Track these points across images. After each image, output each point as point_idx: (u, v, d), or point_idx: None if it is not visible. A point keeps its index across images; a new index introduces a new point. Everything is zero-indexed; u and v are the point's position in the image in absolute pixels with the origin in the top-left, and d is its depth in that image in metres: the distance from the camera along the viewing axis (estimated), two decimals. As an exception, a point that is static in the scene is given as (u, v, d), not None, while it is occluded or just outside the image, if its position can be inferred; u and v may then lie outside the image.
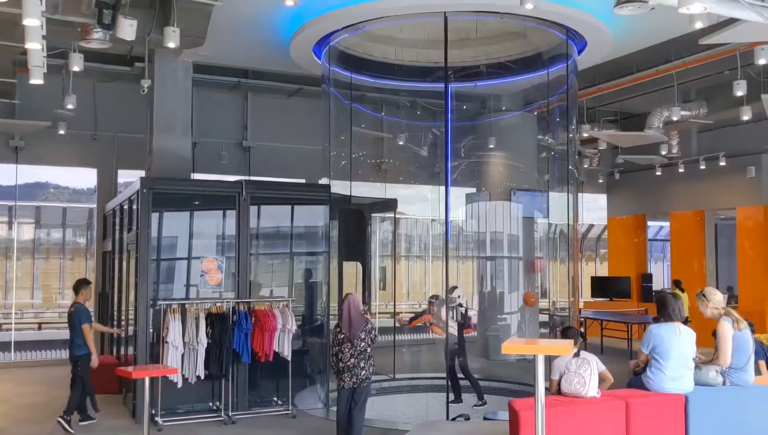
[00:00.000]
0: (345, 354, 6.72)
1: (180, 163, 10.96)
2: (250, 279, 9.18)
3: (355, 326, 6.75)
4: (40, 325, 17.42)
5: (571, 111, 10.60)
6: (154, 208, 8.39)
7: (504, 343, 3.97)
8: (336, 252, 10.31)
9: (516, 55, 11.01)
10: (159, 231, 8.61)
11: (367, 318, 6.95)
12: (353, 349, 6.71)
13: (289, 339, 8.54)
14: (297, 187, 9.64)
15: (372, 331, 6.87)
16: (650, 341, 5.55)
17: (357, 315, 6.80)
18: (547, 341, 4.53)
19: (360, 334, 6.75)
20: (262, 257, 9.64)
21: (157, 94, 11.17)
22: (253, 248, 9.41)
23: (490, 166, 13.40)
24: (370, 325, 6.91)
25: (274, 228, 9.89)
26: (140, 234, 8.27)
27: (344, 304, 6.88)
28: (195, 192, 8.71)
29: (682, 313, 5.56)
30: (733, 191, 15.16)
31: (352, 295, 6.98)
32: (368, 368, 6.79)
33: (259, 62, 11.75)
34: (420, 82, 11.33)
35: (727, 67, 11.80)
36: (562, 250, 11.88)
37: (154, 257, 8.59)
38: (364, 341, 6.75)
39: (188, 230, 9.01)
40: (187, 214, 9.04)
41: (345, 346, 6.74)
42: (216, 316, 8.20)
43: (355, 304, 6.85)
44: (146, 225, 8.23)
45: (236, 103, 14.15)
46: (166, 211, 8.73)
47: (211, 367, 8.15)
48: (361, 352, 6.72)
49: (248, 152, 14.18)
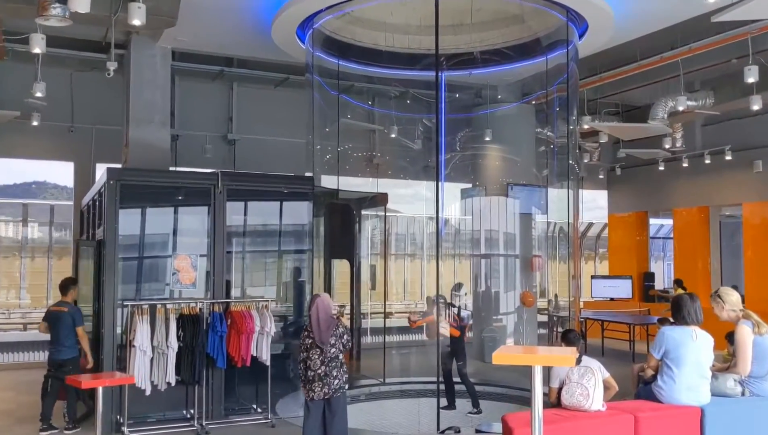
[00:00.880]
0: (314, 361, 6.12)
1: (158, 155, 10.37)
2: (228, 278, 8.61)
3: (325, 330, 6.14)
4: (25, 325, 16.88)
5: (571, 101, 9.98)
6: (123, 202, 7.77)
7: (495, 351, 3.36)
8: (322, 249, 9.74)
9: (513, 41, 10.40)
10: (128, 226, 8.00)
11: (338, 321, 6.34)
12: (323, 355, 6.11)
13: (267, 342, 7.93)
14: (278, 179, 9.03)
15: (344, 336, 6.27)
16: (662, 345, 4.95)
17: (327, 318, 6.20)
18: (546, 350, 3.93)
19: (330, 340, 6.15)
20: (240, 255, 9.02)
21: (134, 83, 10.60)
22: (235, 245, 8.84)
23: (486, 160, 12.80)
24: (342, 328, 6.30)
25: (257, 224, 9.27)
26: (107, 229, 7.65)
27: (312, 306, 6.28)
28: (167, 184, 8.08)
29: (699, 316, 4.95)
30: (739, 186, 14.58)
31: (321, 296, 6.39)
32: (341, 377, 6.19)
33: (242, 49, 11.12)
34: (411, 70, 10.70)
35: (736, 55, 11.25)
36: (561, 248, 11.27)
37: (127, 254, 8.02)
38: (334, 347, 6.15)
39: (160, 225, 8.39)
40: (159, 208, 8.41)
41: (314, 352, 6.14)
42: (188, 317, 7.59)
43: (324, 306, 6.24)
44: (113, 219, 7.61)
45: (220, 94, 13.53)
46: (136, 205, 8.11)
47: (182, 372, 7.55)
48: (332, 359, 6.13)
49: (233, 145, 13.56)
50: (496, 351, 3.45)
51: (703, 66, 11.58)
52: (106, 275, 7.56)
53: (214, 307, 7.78)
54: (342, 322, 6.42)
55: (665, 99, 11.43)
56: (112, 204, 7.62)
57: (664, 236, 22.78)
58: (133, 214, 8.06)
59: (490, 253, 12.29)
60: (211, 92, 13.40)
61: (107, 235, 7.62)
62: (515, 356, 3.36)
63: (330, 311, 6.25)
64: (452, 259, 12.81)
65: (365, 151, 13.49)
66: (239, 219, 8.76)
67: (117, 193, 7.63)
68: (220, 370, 7.90)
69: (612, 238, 18.72)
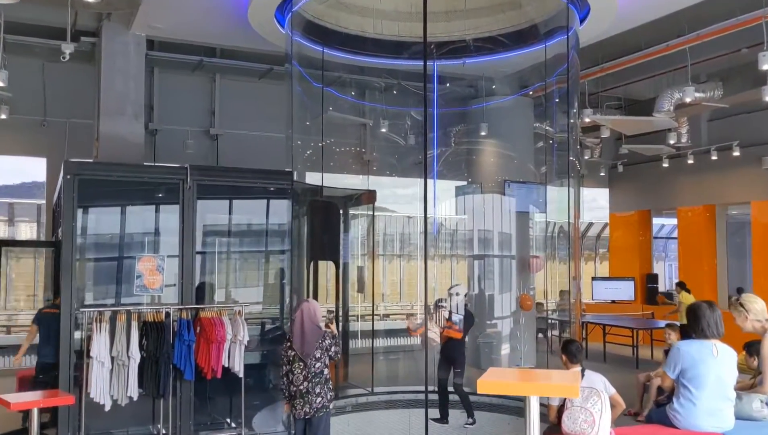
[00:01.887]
0: (297, 376, 5.50)
1: (131, 150, 9.74)
2: (207, 280, 7.98)
3: (309, 342, 5.51)
4: (8, 328, 16.27)
5: (572, 93, 9.31)
6: (83, 199, 7.10)
7: (482, 377, 2.70)
8: (304, 250, 9.08)
9: (510, 27, 9.75)
10: (89, 225, 7.34)
11: (326, 331, 5.65)
12: (306, 370, 5.47)
13: (240, 351, 7.25)
14: (254, 173, 8.34)
15: (331, 348, 5.61)
16: (678, 362, 4.27)
17: (312, 328, 5.55)
18: (544, 375, 3.26)
19: (315, 353, 5.50)
20: (218, 256, 8.37)
21: (105, 72, 9.97)
22: (214, 246, 8.20)
23: (482, 156, 12.12)
24: (329, 340, 5.62)
25: (233, 223, 8.61)
26: (64, 229, 6.99)
27: (296, 314, 5.63)
28: (130, 179, 7.39)
29: (720, 328, 4.28)
30: (747, 184, 13.92)
31: (307, 303, 5.73)
32: (325, 395, 5.55)
33: (221, 37, 10.44)
34: (400, 59, 10.03)
35: (746, 44, 10.61)
36: (561, 249, 10.60)
37: (88, 256, 7.38)
38: (320, 361, 5.51)
39: (123, 224, 7.72)
40: (122, 206, 7.74)
41: (296, 365, 5.51)
42: (152, 325, 6.91)
43: (309, 315, 5.58)
44: (70, 217, 6.94)
45: (202, 86, 12.84)
46: (97, 203, 7.44)
47: (146, 385, 6.87)
48: (315, 375, 5.49)
49: (216, 141, 12.87)
50: (483, 376, 2.79)
51: (711, 56, 10.96)
52: (62, 279, 6.88)
53: (181, 314, 7.10)
54: (331, 332, 5.72)
55: (671, 90, 10.76)
56: (69, 201, 6.95)
57: (666, 236, 22.16)
58: (93, 213, 7.39)
59: (486, 253, 11.62)
60: (193, 84, 12.73)
61: (64, 235, 6.96)
62: (506, 384, 2.70)
63: (316, 320, 5.59)
64: (448, 260, 12.17)
65: (355, 147, 12.85)
66: (213, 217, 8.09)
67: (74, 188, 6.95)
68: (189, 382, 7.22)
69: (613, 238, 18.06)
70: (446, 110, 11.19)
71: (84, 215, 7.23)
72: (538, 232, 11.44)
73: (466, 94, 12.04)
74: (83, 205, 7.14)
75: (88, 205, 7.31)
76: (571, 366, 5.56)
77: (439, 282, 14.34)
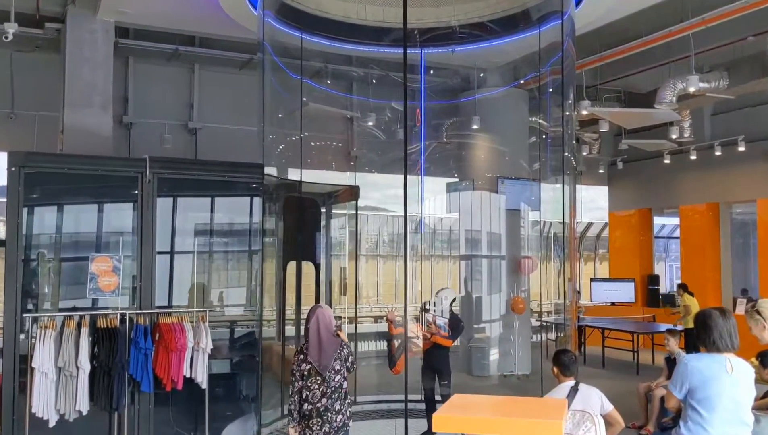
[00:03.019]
0: (314, 392, 4.82)
1: (99, 143, 9.14)
2: (196, 282, 7.37)
3: (328, 353, 4.86)
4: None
5: (567, 83, 8.69)
6: (31, 194, 6.49)
7: (439, 410, 2.07)
8: (280, 250, 8.47)
9: (501, 12, 9.14)
10: (37, 223, 6.72)
11: (342, 340, 5.01)
12: (325, 384, 4.82)
13: (203, 361, 6.63)
14: (220, 166, 7.73)
15: (348, 358, 4.99)
16: (685, 380, 3.65)
17: (330, 337, 4.90)
18: (521, 406, 2.60)
19: (335, 365, 4.85)
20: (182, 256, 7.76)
21: (71, 62, 9.39)
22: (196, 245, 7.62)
23: (471, 151, 11.51)
24: (347, 349, 5.00)
25: (200, 220, 8.00)
26: (8, 226, 6.37)
27: (311, 322, 4.94)
28: (83, 172, 6.75)
29: (734, 340, 3.66)
30: (752, 181, 13.28)
31: (321, 309, 5.04)
32: (345, 412, 4.92)
33: (194, 23, 9.85)
34: (384, 46, 9.41)
35: (753, 32, 10.01)
36: (555, 248, 9.99)
37: (36, 256, 6.76)
38: (339, 374, 4.88)
39: (77, 221, 7.11)
40: (77, 201, 7.12)
41: (313, 380, 4.84)
42: (105, 332, 6.29)
43: (325, 322, 4.93)
44: (15, 214, 6.32)
45: (180, 78, 12.18)
46: (48, 198, 6.82)
47: (98, 398, 6.25)
48: (335, 390, 4.85)
49: (195, 135, 12.23)
50: (440, 410, 2.17)
51: (715, 45, 10.34)
52: (6, 281, 6.27)
53: (138, 319, 6.47)
54: (345, 340, 5.08)
55: (674, 81, 10.14)
56: (14, 195, 6.33)
57: (668, 236, 21.56)
58: (43, 209, 6.77)
59: (478, 254, 11.00)
60: (170, 76, 12.08)
61: (8, 232, 6.34)
62: (467, 421, 2.07)
63: (332, 327, 4.96)
64: (438, 260, 11.56)
65: (340, 142, 12.23)
66: (183, 215, 7.49)
67: (20, 182, 6.33)
68: (148, 395, 6.60)
69: (613, 238, 17.42)
70: (434, 103, 10.59)
71: (32, 211, 6.60)
72: (532, 231, 10.82)
73: (455, 85, 11.42)
74: (32, 200, 6.53)
75: (38, 200, 6.69)
76: (563, 379, 4.95)
77: (428, 283, 13.74)
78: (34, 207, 6.65)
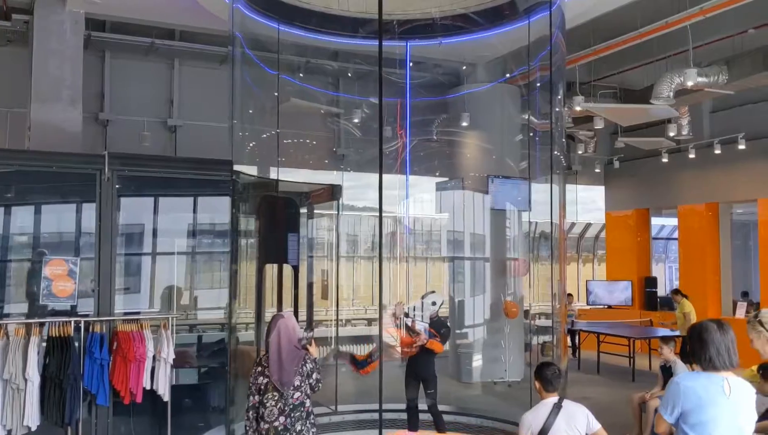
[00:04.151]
0: (271, 409, 4.37)
1: (67, 139, 8.70)
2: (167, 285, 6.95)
3: (287, 367, 4.42)
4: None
5: (556, 78, 8.27)
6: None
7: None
8: (255, 252, 8.05)
9: (488, 2, 8.71)
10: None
11: (306, 353, 4.56)
12: (283, 401, 4.39)
13: (165, 371, 6.20)
14: (185, 163, 7.32)
15: (313, 374, 4.53)
16: (678, 403, 3.19)
17: (290, 349, 4.46)
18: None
19: (294, 380, 4.43)
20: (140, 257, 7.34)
21: (38, 54, 8.96)
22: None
23: (459, 149, 11.09)
24: (311, 364, 4.55)
25: (167, 221, 7.58)
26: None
27: (272, 333, 4.50)
28: (34, 169, 6.32)
29: (733, 357, 3.21)
30: (753, 180, 12.84)
31: (283, 319, 4.58)
32: (307, 432, 4.45)
33: (168, 14, 9.41)
34: (360, 38, 8.97)
35: (754, 24, 9.60)
36: (545, 250, 9.55)
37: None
38: (299, 390, 4.44)
39: (29, 221, 6.67)
40: (28, 200, 6.69)
41: (270, 396, 4.40)
42: (57, 341, 5.85)
43: (287, 333, 4.50)
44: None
45: (159, 73, 11.74)
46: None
47: (48, 412, 5.81)
48: (294, 408, 4.41)
49: (175, 132, 11.79)
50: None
51: (714, 39, 9.94)
52: (-48, 286, 5.85)
53: (93, 327, 6.03)
54: (310, 354, 4.60)
55: (671, 75, 9.71)
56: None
57: (667, 237, 21.14)
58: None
59: (466, 256, 10.57)
60: (148, 71, 11.63)
61: (-47, 234, 5.92)
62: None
63: (294, 339, 4.50)
64: (423, 262, 11.13)
65: (325, 140, 11.81)
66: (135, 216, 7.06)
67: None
68: (105, 408, 6.16)
69: (610, 239, 16.99)
70: (420, 99, 10.16)
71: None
72: (522, 232, 10.38)
73: (443, 80, 10.99)
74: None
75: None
76: (545, 395, 4.52)
77: (422, 285, 13.28)
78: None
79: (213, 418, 7.20)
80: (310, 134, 11.34)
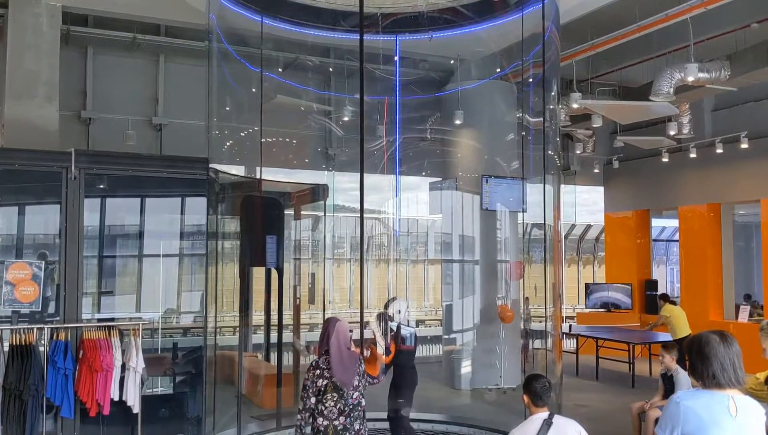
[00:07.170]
0: (330, 409, 4.47)
1: (43, 137, 8.40)
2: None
3: (350, 369, 4.57)
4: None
5: (550, 73, 7.93)
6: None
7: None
8: (237, 254, 7.71)
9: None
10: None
11: (358, 355, 4.81)
12: (342, 401, 4.50)
13: (135, 381, 5.85)
14: (158, 161, 6.99)
15: (364, 374, 4.75)
16: (677, 425, 2.83)
17: (349, 352, 4.66)
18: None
19: (353, 380, 4.57)
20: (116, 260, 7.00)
21: (13, 48, 8.65)
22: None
23: (452, 148, 10.74)
24: (361, 365, 4.76)
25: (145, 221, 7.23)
26: None
27: (332, 337, 4.60)
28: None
29: (739, 373, 2.86)
30: (756, 180, 12.47)
31: (339, 322, 4.74)
32: (364, 431, 4.67)
33: (147, 7, 9.09)
34: (344, 33, 8.62)
35: (756, 18, 9.27)
36: (538, 252, 9.21)
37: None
38: (357, 390, 4.62)
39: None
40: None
41: (329, 396, 4.50)
42: (18, 349, 5.51)
43: (345, 335, 4.67)
44: None
45: (144, 69, 11.43)
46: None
47: (8, 425, 5.47)
48: (354, 407, 4.57)
49: (160, 131, 11.47)
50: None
51: (715, 34, 9.61)
52: None
53: (58, 335, 5.69)
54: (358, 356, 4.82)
55: (671, 70, 9.36)
56: None
57: (668, 239, 20.80)
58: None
59: (458, 258, 10.22)
60: (133, 67, 11.33)
61: None
62: None
63: (348, 341, 4.75)
64: (413, 265, 10.77)
65: (314, 138, 11.48)
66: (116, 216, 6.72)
67: None
68: (71, 421, 5.82)
69: (609, 241, 16.62)
70: (411, 96, 9.82)
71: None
72: (516, 234, 10.03)
73: (435, 77, 10.65)
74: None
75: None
76: (535, 410, 4.17)
77: (418, 288, 12.94)
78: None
79: (189, 427, 6.85)
80: (298, 133, 11.02)
